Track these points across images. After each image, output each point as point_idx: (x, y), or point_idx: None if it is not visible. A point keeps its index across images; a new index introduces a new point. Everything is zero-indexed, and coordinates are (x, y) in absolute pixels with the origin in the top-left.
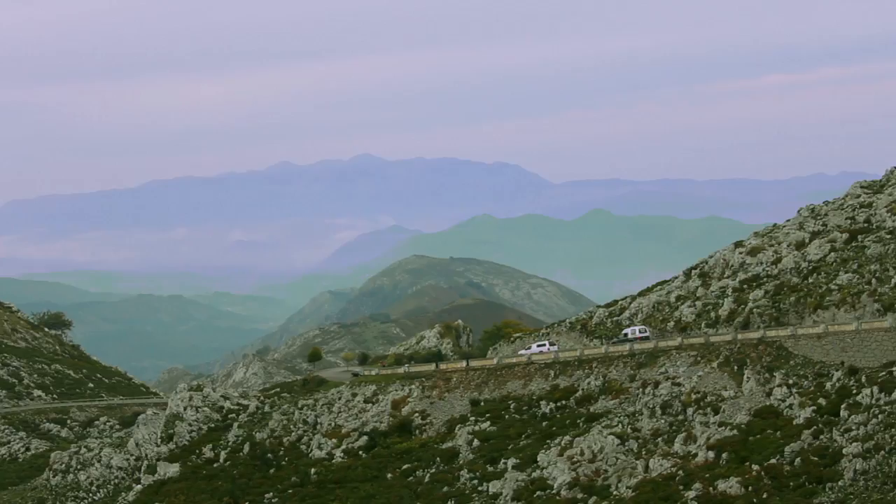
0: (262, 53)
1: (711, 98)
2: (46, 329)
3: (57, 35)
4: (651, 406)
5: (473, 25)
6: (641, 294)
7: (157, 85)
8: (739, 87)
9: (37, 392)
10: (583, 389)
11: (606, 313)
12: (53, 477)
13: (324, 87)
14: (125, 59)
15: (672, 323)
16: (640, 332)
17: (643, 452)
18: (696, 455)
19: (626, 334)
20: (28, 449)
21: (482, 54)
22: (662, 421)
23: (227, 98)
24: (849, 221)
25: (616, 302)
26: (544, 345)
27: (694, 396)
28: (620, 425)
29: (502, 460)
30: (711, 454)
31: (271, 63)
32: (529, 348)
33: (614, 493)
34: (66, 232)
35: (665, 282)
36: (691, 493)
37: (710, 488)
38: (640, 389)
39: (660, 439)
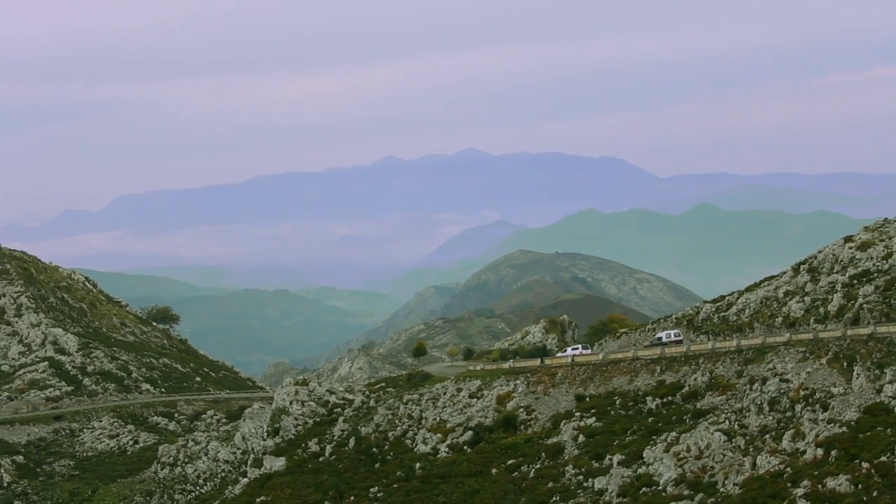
0: (366, 50)
1: (820, 91)
2: (155, 323)
3: (165, 34)
4: (758, 402)
5: (580, 20)
6: (749, 289)
7: (264, 81)
8: (849, 79)
9: (145, 386)
10: (689, 385)
11: (713, 308)
12: (161, 470)
13: (429, 81)
14: (232, 56)
15: (780, 319)
16: (674, 335)
17: (750, 449)
18: (804, 452)
19: (659, 338)
20: (136, 442)
21: (588, 48)
22: (770, 417)
23: (333, 94)
24: None
25: (723, 297)
26: (577, 348)
27: (802, 393)
28: (727, 422)
29: (608, 456)
30: (820, 451)
31: (376, 59)
32: (565, 350)
33: (721, 490)
34: (174, 227)
35: (773, 277)
36: (799, 491)
37: (819, 486)
38: (748, 386)
39: (767, 436)
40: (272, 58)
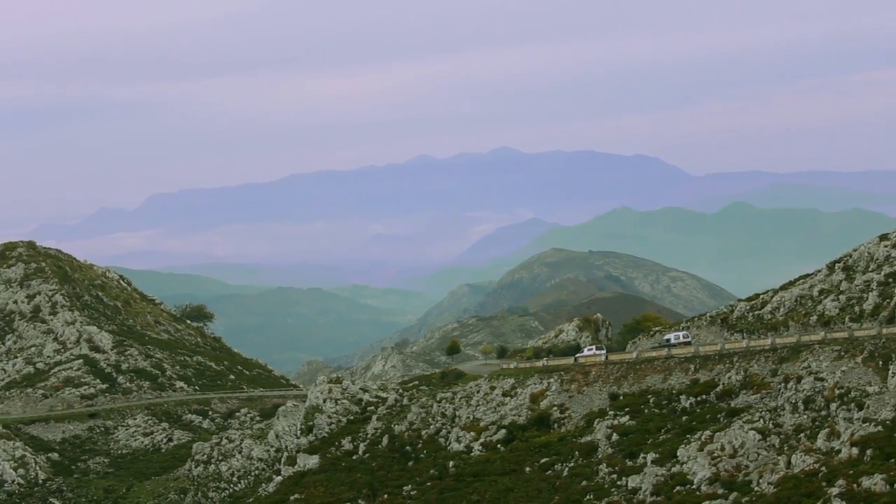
0: (401, 49)
1: (854, 88)
2: (188, 321)
3: (201, 33)
4: (793, 401)
5: (613, 17)
6: (783, 288)
7: (298, 81)
8: (885, 76)
9: (179, 384)
10: (723, 384)
11: (748, 307)
12: (195, 467)
13: (462, 80)
14: (267, 55)
15: (815, 317)
16: (682, 337)
17: (785, 448)
18: (839, 451)
19: (668, 339)
20: (171, 440)
21: (623, 45)
22: (805, 416)
23: (367, 92)
24: None
25: (758, 296)
26: (591, 348)
27: (837, 392)
28: (762, 420)
29: (641, 455)
30: (855, 450)
31: (411, 58)
32: (582, 351)
33: (755, 488)
34: (208, 225)
35: (808, 275)
36: (834, 490)
37: (854, 485)
38: (782, 384)
39: (802, 435)
40: (307, 57)
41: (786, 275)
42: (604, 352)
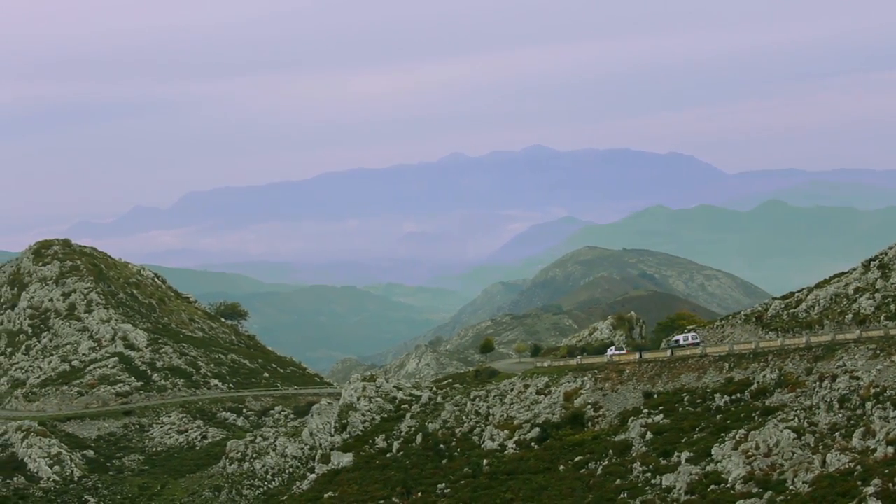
0: (434, 47)
1: (891, 85)
2: (223, 319)
3: (234, 32)
4: (828, 400)
5: (648, 15)
6: (818, 286)
7: (332, 78)
8: None
9: (213, 381)
10: (758, 382)
11: (782, 305)
12: (230, 465)
13: (496, 78)
14: (300, 54)
15: (850, 315)
16: (692, 338)
17: (820, 447)
18: (874, 450)
19: (677, 340)
20: (205, 437)
21: (655, 44)
22: (840, 415)
23: (400, 90)
24: None
25: (792, 294)
26: (622, 348)
27: (873, 391)
28: (797, 419)
29: (675, 453)
30: (891, 449)
31: (444, 56)
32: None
33: (790, 487)
34: (241, 223)
35: (843, 273)
36: (870, 489)
37: (890, 484)
38: (817, 383)
39: (837, 434)
40: (340, 55)
41: (821, 273)
42: (623, 351)
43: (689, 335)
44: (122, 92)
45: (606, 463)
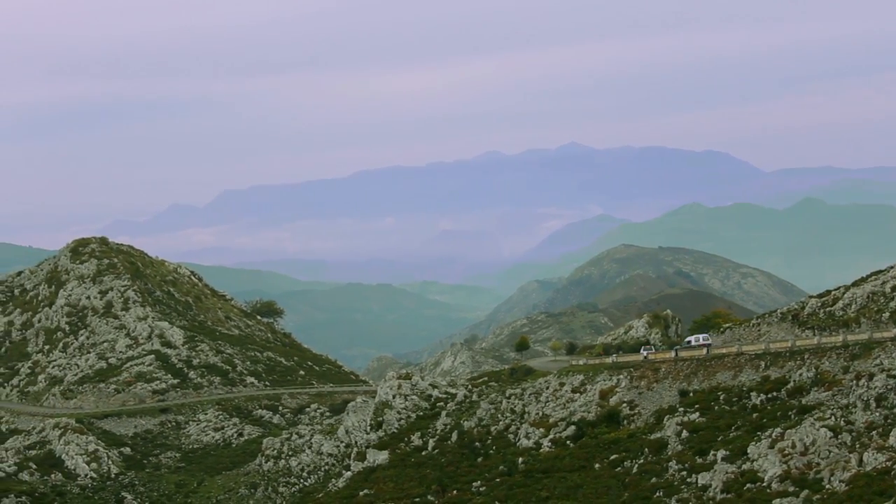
0: (470, 45)
1: None
2: (259, 317)
3: (270, 31)
4: (865, 398)
5: (682, 12)
6: (855, 284)
7: (368, 77)
8: None
9: (250, 379)
10: (794, 381)
11: (819, 303)
12: (266, 462)
13: (532, 76)
14: (336, 52)
15: (887, 314)
16: (703, 339)
17: (857, 446)
18: None
19: (689, 342)
20: (241, 435)
21: (691, 41)
22: (877, 414)
23: (436, 88)
24: None
25: (829, 292)
26: (650, 349)
27: None
28: (833, 418)
29: (711, 452)
30: None
31: (479, 54)
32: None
33: (827, 486)
34: (277, 221)
35: (880, 271)
36: None
37: None
38: (854, 381)
39: (874, 432)
40: (376, 54)
41: (858, 271)
42: (652, 350)
43: (701, 336)
44: (158, 91)
45: (642, 461)
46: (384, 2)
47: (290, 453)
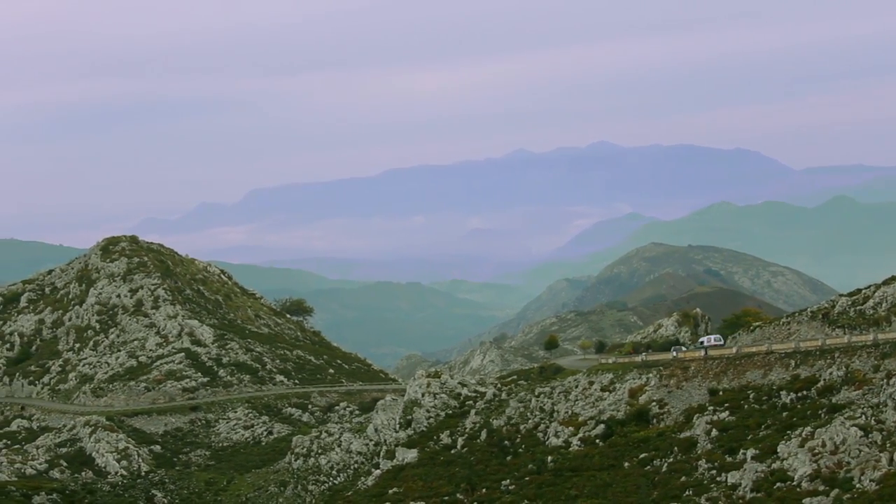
0: (499, 43)
1: None
2: (288, 315)
3: (298, 30)
4: (895, 398)
5: (712, 9)
6: (886, 282)
7: (396, 75)
8: None
9: (279, 377)
10: (825, 380)
11: (849, 302)
12: (295, 460)
13: (561, 74)
14: (364, 51)
15: None
16: (714, 340)
17: (887, 445)
18: None
19: (702, 342)
20: (271, 433)
21: (720, 39)
22: None
23: (465, 87)
24: None
25: (859, 291)
26: (680, 348)
27: None
28: (863, 417)
29: (741, 451)
30: None
31: (508, 52)
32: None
33: (857, 485)
34: (307, 220)
35: None
36: None
37: None
38: (885, 380)
39: None
40: (405, 52)
41: (888, 269)
42: (682, 350)
43: (712, 337)
44: (187, 90)
45: (671, 460)
46: (410, 2)
47: (319, 451)
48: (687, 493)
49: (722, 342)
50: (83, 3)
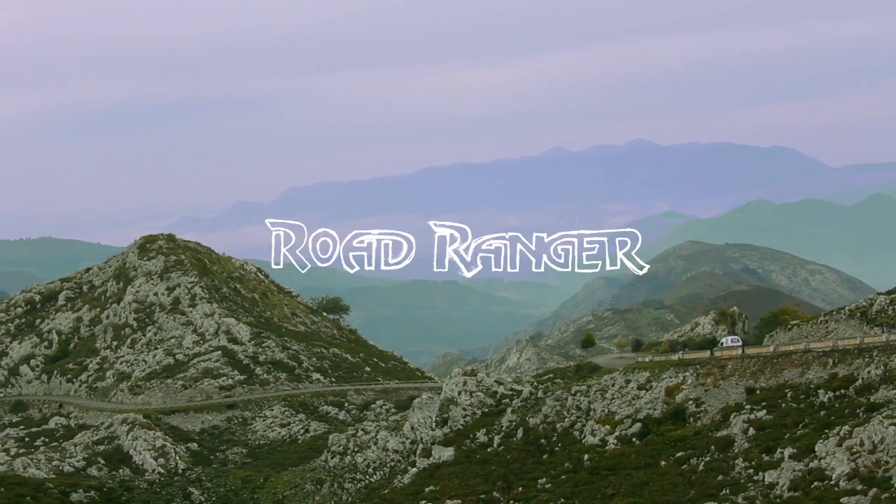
0: (535, 40)
1: None
2: (325, 313)
3: (334, 28)
4: None
5: (748, 7)
6: None
7: (432, 73)
8: None
9: (315, 375)
10: (862, 378)
11: (888, 300)
12: (331, 458)
13: (597, 71)
14: (400, 49)
15: None
16: (732, 341)
17: None
18: None
19: (722, 343)
20: (307, 431)
21: (758, 35)
22: None
23: (501, 84)
24: None
25: None
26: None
27: None
28: None
29: (778, 450)
30: None
31: (544, 50)
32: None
33: (895, 485)
34: (343, 218)
35: None
36: None
37: None
38: None
39: None
40: (440, 50)
41: None
42: (740, 343)
43: (731, 338)
44: (223, 89)
45: (708, 459)
46: (444, 1)
47: (355, 449)
48: (724, 491)
49: (739, 343)
50: (125, 5)
